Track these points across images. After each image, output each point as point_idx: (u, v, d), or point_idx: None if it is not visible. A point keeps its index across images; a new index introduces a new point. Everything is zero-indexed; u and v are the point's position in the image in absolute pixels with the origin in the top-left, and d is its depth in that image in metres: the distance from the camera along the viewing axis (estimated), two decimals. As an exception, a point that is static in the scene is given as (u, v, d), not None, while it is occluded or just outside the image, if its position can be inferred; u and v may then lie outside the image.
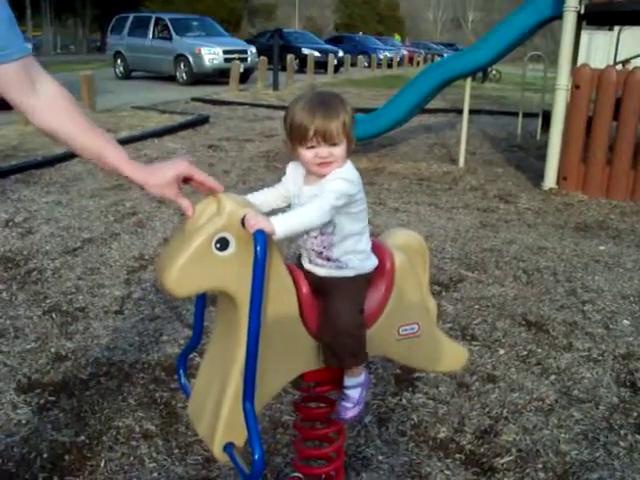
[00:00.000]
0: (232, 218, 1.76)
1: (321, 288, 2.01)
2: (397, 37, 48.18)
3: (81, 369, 3.69)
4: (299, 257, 2.08)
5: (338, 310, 1.96)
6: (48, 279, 4.93)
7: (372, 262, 2.06)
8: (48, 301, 4.56)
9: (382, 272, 2.09)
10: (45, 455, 2.96)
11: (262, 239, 1.74)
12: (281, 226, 1.77)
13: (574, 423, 3.32)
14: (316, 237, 1.97)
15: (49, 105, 1.73)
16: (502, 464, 2.99)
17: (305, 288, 1.97)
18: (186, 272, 1.73)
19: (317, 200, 1.84)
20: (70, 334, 4.10)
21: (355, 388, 2.14)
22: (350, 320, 1.97)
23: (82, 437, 3.09)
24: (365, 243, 2.04)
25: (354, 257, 2.00)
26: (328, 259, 1.99)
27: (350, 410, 2.16)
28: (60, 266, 5.18)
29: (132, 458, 2.96)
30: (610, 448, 3.12)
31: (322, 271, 2.01)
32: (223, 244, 1.75)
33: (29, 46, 1.74)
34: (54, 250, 5.52)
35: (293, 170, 2.04)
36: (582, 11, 7.88)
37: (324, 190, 1.85)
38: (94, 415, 3.26)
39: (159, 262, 1.82)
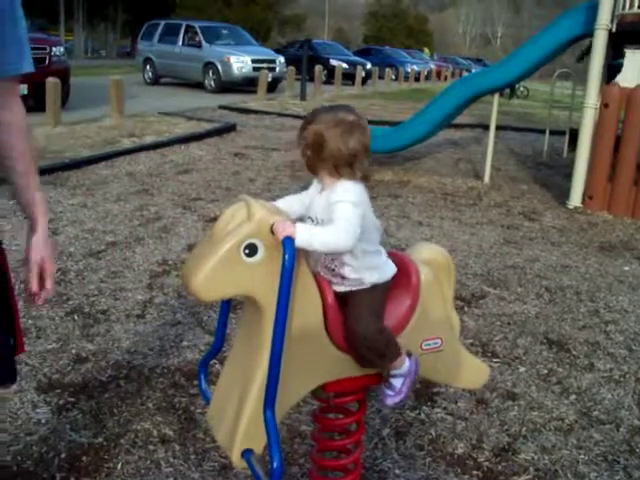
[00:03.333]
0: (262, 224, 1.77)
1: (341, 301, 2.02)
2: (427, 51, 48.08)
3: (101, 371, 3.71)
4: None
5: (357, 318, 1.98)
6: (71, 281, 4.97)
7: (388, 272, 2.07)
8: (71, 302, 4.59)
9: (407, 286, 2.09)
10: (63, 455, 2.97)
11: (291, 246, 1.75)
12: (302, 235, 1.78)
13: (594, 444, 3.28)
14: (327, 255, 1.98)
15: (19, 128, 1.88)
16: (520, 483, 2.96)
17: (330, 298, 1.97)
18: (213, 277, 1.73)
19: (338, 225, 1.84)
20: (91, 336, 4.12)
21: (397, 378, 2.15)
22: (369, 326, 1.98)
23: (100, 439, 3.10)
24: (378, 258, 2.04)
25: (369, 274, 2.01)
26: (342, 277, 2.00)
27: (391, 397, 2.19)
28: (83, 268, 5.22)
29: (149, 462, 2.96)
30: (630, 472, 3.08)
31: (338, 288, 2.02)
32: (252, 250, 1.76)
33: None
34: (78, 252, 5.57)
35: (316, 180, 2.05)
36: (614, 29, 7.83)
37: (335, 215, 1.86)
38: (112, 417, 3.28)
39: (186, 266, 1.83)
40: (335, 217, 1.84)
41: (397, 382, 2.17)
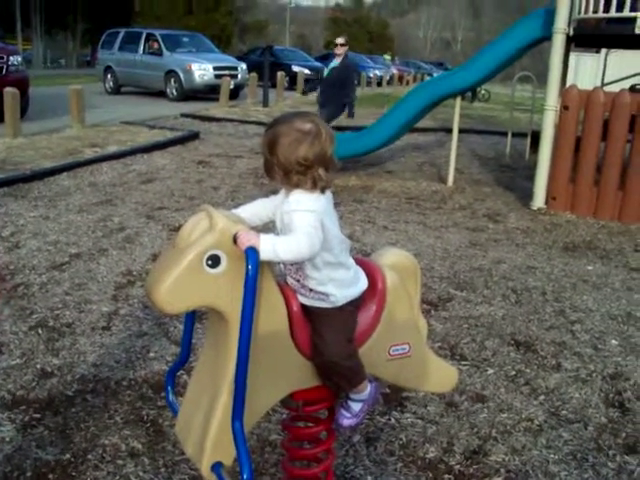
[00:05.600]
0: (224, 235, 1.75)
1: (308, 315, 2.00)
2: (387, 57, 48.23)
3: (67, 386, 3.65)
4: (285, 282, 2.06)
5: (326, 341, 1.96)
6: (35, 294, 4.89)
7: (358, 289, 2.05)
8: (34, 316, 4.52)
9: (373, 292, 2.08)
10: (29, 474, 2.91)
11: (254, 257, 1.73)
12: (265, 245, 1.77)
13: (563, 444, 3.31)
14: (292, 265, 1.96)
15: None
16: (491, 485, 2.97)
17: (296, 306, 1.96)
18: (177, 289, 1.71)
19: (299, 232, 1.82)
20: (56, 350, 4.06)
21: (357, 402, 2.16)
22: (339, 351, 1.97)
23: (67, 455, 3.05)
24: (344, 272, 2.01)
25: (333, 288, 1.98)
26: (310, 290, 1.98)
27: (347, 419, 2.20)
28: (47, 281, 5.14)
29: (118, 477, 2.92)
30: (599, 469, 3.11)
31: (305, 300, 2.00)
32: (214, 261, 1.74)
33: None
34: (41, 265, 5.48)
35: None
36: (571, 33, 7.95)
37: (294, 224, 1.84)
38: (80, 433, 3.22)
39: (149, 278, 1.80)
40: (294, 226, 1.83)
41: (356, 406, 2.18)
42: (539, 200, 8.30)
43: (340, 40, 9.90)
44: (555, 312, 4.99)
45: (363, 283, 2.06)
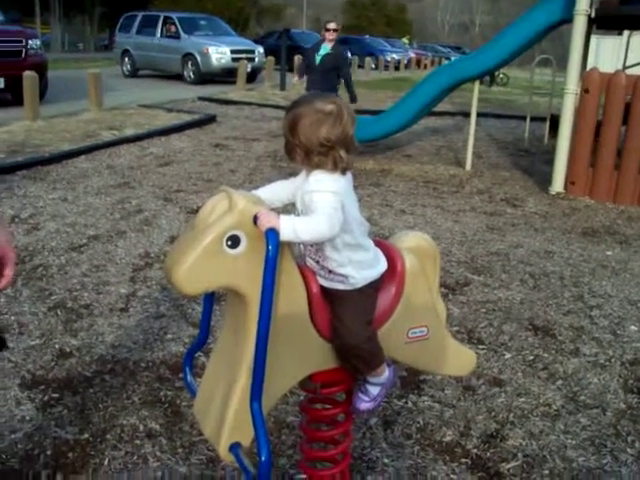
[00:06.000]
0: (244, 216, 1.74)
1: (327, 297, 2.00)
2: (405, 41, 47.88)
3: (85, 366, 3.67)
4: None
5: (345, 323, 1.96)
6: (53, 275, 4.92)
7: (377, 270, 2.04)
8: (53, 298, 4.55)
9: (393, 275, 2.07)
10: (49, 452, 2.94)
11: (274, 237, 1.72)
12: (286, 226, 1.76)
13: (581, 429, 3.29)
14: (312, 246, 1.96)
15: None
16: (508, 469, 2.96)
17: (315, 288, 1.95)
18: (196, 270, 1.71)
19: (319, 213, 1.81)
20: (75, 331, 4.08)
21: (375, 385, 2.16)
22: (358, 334, 1.97)
23: (86, 435, 3.07)
24: (364, 253, 2.00)
25: (352, 269, 1.97)
26: (330, 271, 1.97)
27: (365, 403, 2.20)
28: (65, 263, 5.17)
29: (136, 457, 2.94)
30: (617, 455, 3.10)
31: (325, 282, 2.00)
32: (234, 242, 1.74)
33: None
34: (59, 247, 5.51)
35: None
36: (593, 15, 7.84)
37: (314, 205, 1.83)
38: (98, 413, 3.25)
39: (168, 259, 1.80)
40: (314, 207, 1.82)
41: (374, 390, 2.18)
42: (558, 184, 8.24)
43: (332, 25, 9.29)
44: (573, 297, 4.96)
45: (382, 265, 2.05)
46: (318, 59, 9.00)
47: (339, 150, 1.88)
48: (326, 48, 9.09)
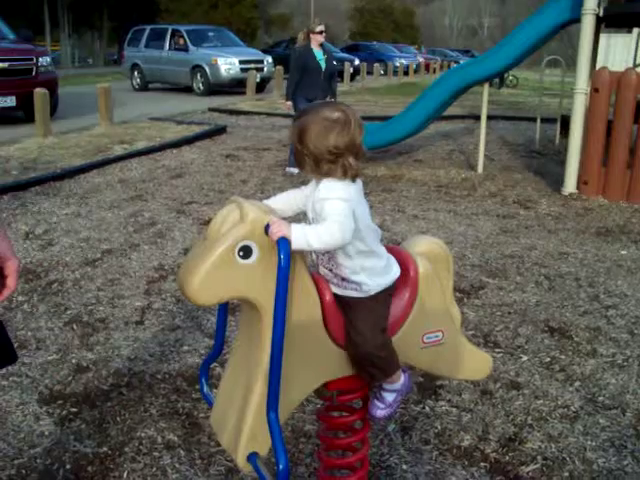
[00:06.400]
0: (255, 225, 1.75)
1: (341, 305, 2.00)
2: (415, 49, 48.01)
3: (102, 380, 3.69)
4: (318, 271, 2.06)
5: (360, 331, 1.96)
6: (68, 290, 4.94)
7: (390, 277, 2.03)
8: (69, 312, 4.57)
9: (406, 280, 2.07)
10: (68, 466, 2.95)
11: (286, 246, 1.73)
12: (297, 235, 1.77)
13: (600, 430, 3.27)
14: (324, 254, 1.96)
15: None
16: (528, 472, 2.95)
17: (329, 296, 1.95)
18: (209, 280, 1.71)
19: (330, 220, 1.81)
20: (91, 345, 4.10)
21: (391, 392, 2.15)
22: (373, 341, 1.96)
23: (104, 448, 3.08)
24: (376, 260, 2.00)
25: (366, 277, 1.97)
26: (343, 279, 1.97)
27: (380, 410, 2.20)
28: (80, 277, 5.19)
29: (155, 469, 2.94)
30: (638, 456, 3.07)
31: (338, 290, 2.00)
32: (246, 252, 1.74)
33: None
34: (74, 261, 5.54)
35: None
36: (601, 13, 7.82)
37: (325, 212, 1.84)
38: (116, 426, 3.26)
39: (181, 270, 1.81)
40: (325, 215, 1.82)
41: (389, 396, 2.18)
42: (570, 185, 8.20)
43: (321, 27, 9.12)
44: (589, 297, 4.93)
45: (396, 271, 2.05)
46: (322, 64, 8.97)
47: (348, 157, 1.88)
48: (319, 52, 9.05)
